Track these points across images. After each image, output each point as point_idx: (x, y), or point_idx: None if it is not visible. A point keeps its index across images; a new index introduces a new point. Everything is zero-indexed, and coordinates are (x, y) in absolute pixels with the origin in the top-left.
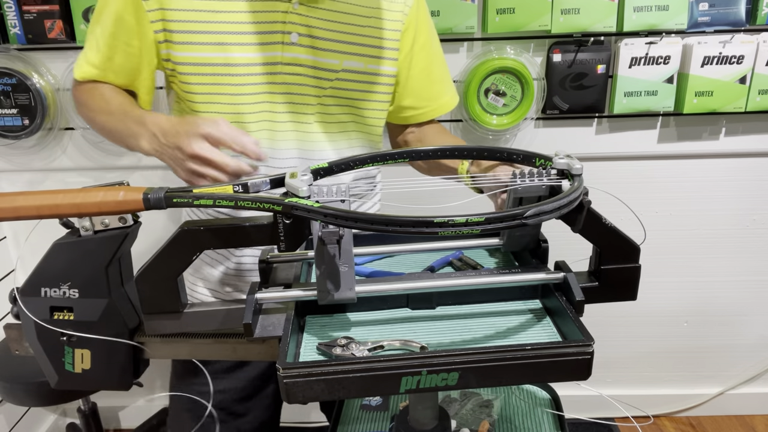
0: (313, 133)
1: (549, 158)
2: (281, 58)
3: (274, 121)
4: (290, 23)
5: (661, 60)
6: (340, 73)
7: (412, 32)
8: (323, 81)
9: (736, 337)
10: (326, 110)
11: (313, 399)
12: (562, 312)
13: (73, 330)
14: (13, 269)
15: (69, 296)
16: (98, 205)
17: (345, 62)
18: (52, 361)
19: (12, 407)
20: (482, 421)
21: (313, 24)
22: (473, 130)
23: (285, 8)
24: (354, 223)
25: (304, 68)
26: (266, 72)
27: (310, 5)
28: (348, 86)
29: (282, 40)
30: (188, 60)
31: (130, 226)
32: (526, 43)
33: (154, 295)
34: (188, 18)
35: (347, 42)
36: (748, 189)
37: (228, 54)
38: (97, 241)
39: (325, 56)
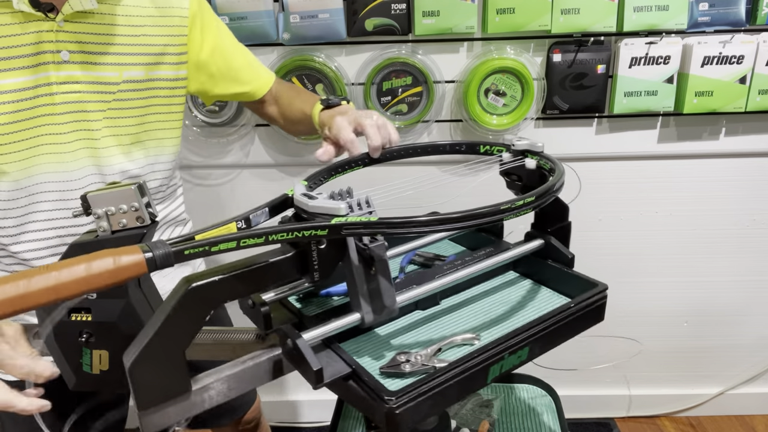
0: (105, 148)
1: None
2: (55, 77)
3: (61, 143)
4: (59, 41)
5: (661, 60)
6: (121, 85)
7: (198, 29)
8: (105, 95)
9: (736, 337)
10: (115, 123)
11: (420, 420)
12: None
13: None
14: None
15: (87, 297)
16: (85, 282)
17: (125, 73)
18: (70, 362)
19: None
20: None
21: (84, 39)
22: (473, 130)
23: (50, 27)
24: (426, 228)
25: (81, 85)
26: (43, 94)
27: (77, 21)
28: (132, 96)
29: (53, 60)
30: None
31: (148, 226)
32: (526, 43)
33: (156, 382)
34: None
35: (124, 53)
36: (748, 189)
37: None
38: (114, 242)
39: (103, 70)
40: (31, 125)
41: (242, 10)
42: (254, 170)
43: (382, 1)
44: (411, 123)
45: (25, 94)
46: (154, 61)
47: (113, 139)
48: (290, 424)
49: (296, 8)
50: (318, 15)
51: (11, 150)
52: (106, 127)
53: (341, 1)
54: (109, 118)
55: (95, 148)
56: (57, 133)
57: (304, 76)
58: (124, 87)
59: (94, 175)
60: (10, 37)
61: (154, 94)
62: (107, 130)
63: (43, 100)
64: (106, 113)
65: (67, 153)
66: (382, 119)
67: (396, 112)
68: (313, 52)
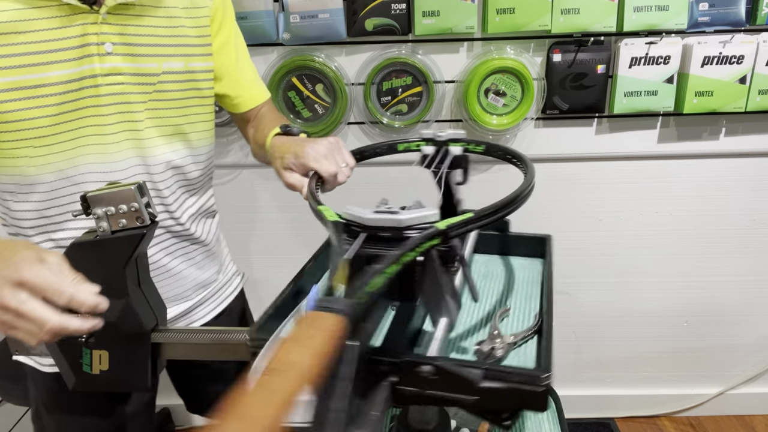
0: (148, 138)
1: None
2: (99, 69)
3: (105, 133)
4: (102, 34)
5: (661, 60)
6: (161, 76)
7: (218, 24)
8: (146, 86)
9: (736, 337)
10: (156, 114)
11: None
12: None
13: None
14: None
15: None
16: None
17: (164, 64)
18: (70, 362)
19: (12, 407)
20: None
21: (126, 32)
22: (473, 130)
23: (94, 19)
24: (502, 212)
25: (125, 76)
26: (87, 86)
27: (119, 13)
28: (171, 87)
29: (97, 52)
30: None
31: (147, 226)
32: (526, 43)
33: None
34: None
35: (164, 45)
36: (748, 189)
37: (41, 74)
38: (114, 242)
39: (144, 61)
40: (76, 116)
41: (242, 9)
42: (254, 170)
43: (382, 1)
44: (411, 123)
45: (71, 86)
46: (190, 53)
47: (156, 130)
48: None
49: (296, 8)
50: (318, 15)
51: (57, 141)
52: (149, 118)
53: (341, 1)
54: (150, 109)
55: (139, 139)
56: (101, 124)
57: (304, 76)
58: (164, 78)
59: (138, 166)
60: (57, 30)
61: (192, 86)
62: (149, 121)
63: (88, 92)
64: (147, 104)
65: (112, 144)
66: (334, 146)
67: (396, 112)
68: (313, 52)
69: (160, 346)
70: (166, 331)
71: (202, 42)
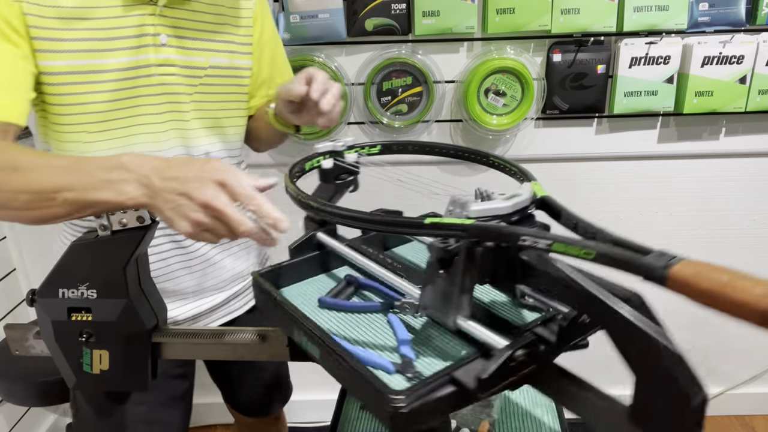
0: (192, 129)
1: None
2: (154, 59)
3: (155, 122)
4: (158, 25)
5: (661, 60)
6: (207, 70)
7: (260, 24)
8: (193, 79)
9: (735, 337)
10: (200, 106)
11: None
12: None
13: (91, 330)
14: (14, 269)
15: (87, 297)
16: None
17: (211, 59)
18: (70, 362)
19: (12, 407)
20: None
21: (180, 25)
22: (473, 130)
23: (152, 11)
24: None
25: (175, 68)
26: (142, 75)
27: (175, 7)
28: (216, 82)
29: (153, 42)
30: (54, 69)
31: (148, 226)
32: (526, 43)
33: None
34: (50, 25)
35: (212, 40)
36: (748, 189)
37: (99, 60)
38: (115, 242)
39: (194, 54)
40: (129, 104)
41: None
42: (254, 170)
43: (382, 1)
44: (411, 123)
45: (126, 74)
46: (234, 50)
47: (199, 122)
48: (290, 424)
49: (296, 8)
50: (318, 15)
51: (110, 127)
52: (194, 109)
53: (341, 1)
54: (195, 101)
55: (184, 129)
56: (152, 113)
57: None
58: (210, 72)
59: (183, 155)
60: (117, 19)
61: (234, 82)
62: (194, 113)
63: (142, 81)
64: (193, 96)
65: (160, 132)
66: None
67: (396, 112)
68: (313, 52)
69: (160, 346)
70: (166, 331)
71: (245, 41)
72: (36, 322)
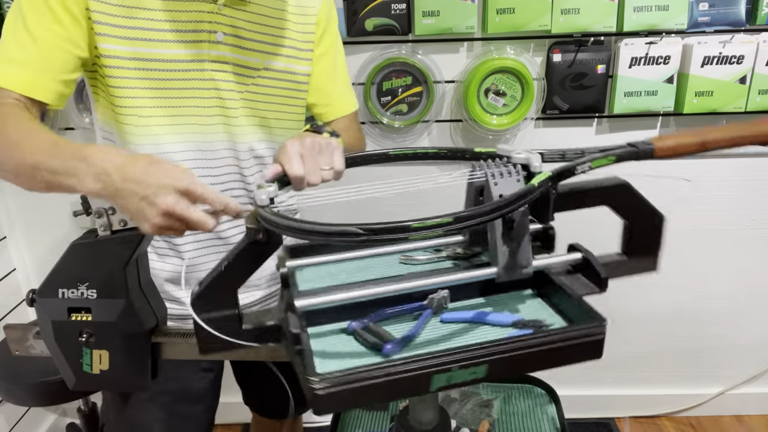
0: (240, 126)
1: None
2: (207, 55)
3: (204, 115)
4: (216, 23)
5: (661, 60)
6: (261, 71)
7: (321, 31)
8: (245, 78)
9: (735, 337)
10: (249, 105)
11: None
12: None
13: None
14: (14, 269)
15: (87, 297)
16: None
17: (267, 61)
18: (70, 362)
19: (12, 407)
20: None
21: (238, 24)
22: (473, 130)
23: (210, 9)
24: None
25: (229, 65)
26: (195, 69)
27: (234, 7)
28: (269, 83)
29: (209, 39)
30: (112, 53)
31: None
32: (526, 43)
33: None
34: (113, 12)
35: (269, 42)
36: (748, 189)
37: (157, 50)
38: (114, 242)
39: (249, 55)
40: (180, 95)
41: None
42: None
43: (382, 1)
44: (411, 123)
45: (179, 65)
46: (292, 54)
47: (247, 119)
48: None
49: None
50: None
51: (158, 113)
52: (243, 107)
53: (341, 1)
54: (245, 99)
55: (231, 125)
56: (201, 106)
57: None
58: (264, 74)
59: (228, 149)
60: (176, 12)
61: (289, 86)
62: (243, 110)
63: (194, 74)
64: (243, 95)
65: (208, 125)
66: (317, 147)
67: (396, 112)
68: None
69: (160, 346)
70: (166, 331)
71: (305, 47)
72: (36, 322)
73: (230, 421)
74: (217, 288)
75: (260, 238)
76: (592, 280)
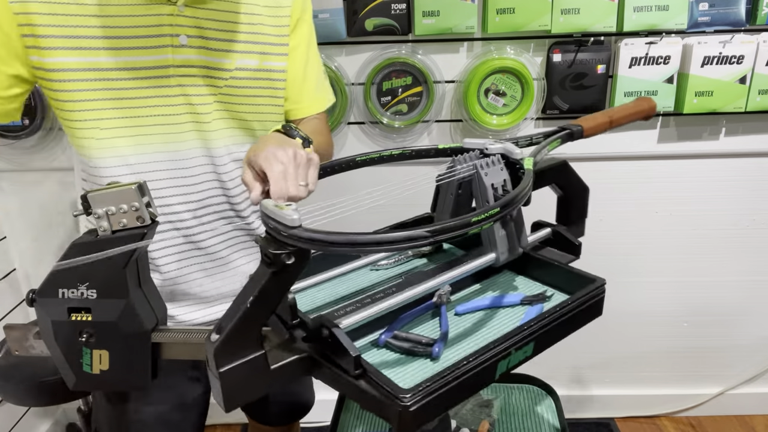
0: (214, 131)
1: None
2: (172, 60)
3: (173, 123)
4: (178, 26)
5: (661, 60)
6: (234, 72)
7: (294, 23)
8: (217, 81)
9: (736, 337)
10: (226, 108)
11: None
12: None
13: (91, 330)
14: (14, 269)
15: (87, 297)
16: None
17: (238, 61)
18: (70, 362)
19: (12, 407)
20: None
21: (202, 25)
22: (473, 130)
23: (171, 11)
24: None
25: (196, 69)
26: (159, 75)
27: (196, 6)
28: (244, 84)
29: (171, 43)
30: (67, 66)
31: (148, 226)
32: (526, 43)
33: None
34: (63, 22)
35: (239, 41)
36: (748, 189)
37: (116, 59)
38: (114, 241)
39: (217, 56)
40: (144, 104)
41: None
42: None
43: (382, 1)
44: (411, 123)
45: (141, 72)
46: (267, 51)
47: (223, 122)
48: None
49: None
50: (318, 15)
51: (122, 125)
52: (217, 110)
53: (341, 1)
54: (219, 102)
55: (204, 131)
56: (170, 114)
57: None
58: (237, 74)
59: (203, 157)
60: (134, 18)
61: (266, 84)
62: (217, 114)
63: (159, 81)
64: (217, 97)
65: (178, 134)
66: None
67: (396, 112)
68: None
69: (160, 346)
70: (166, 331)
71: (280, 41)
72: (36, 322)
73: (230, 421)
74: (241, 331)
75: (291, 262)
76: (565, 249)
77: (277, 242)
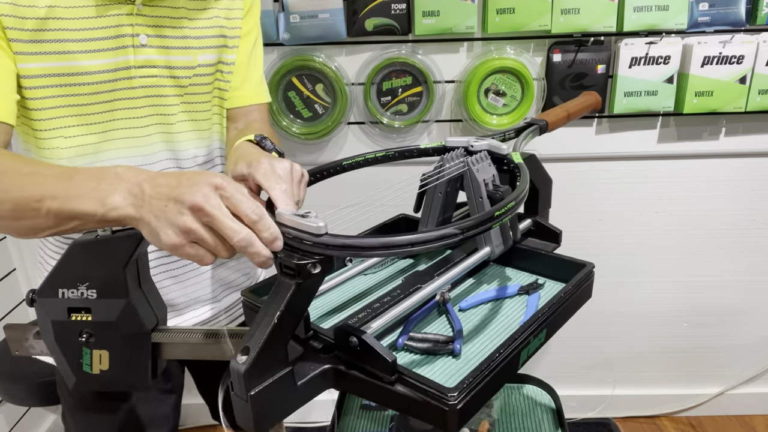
0: (180, 132)
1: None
2: (134, 61)
3: (136, 126)
4: (137, 25)
5: (661, 60)
6: (197, 69)
7: (245, 12)
8: (182, 79)
9: (736, 337)
10: (191, 107)
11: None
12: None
13: (91, 330)
14: (14, 269)
15: (87, 297)
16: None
17: (200, 57)
18: (70, 362)
19: (12, 407)
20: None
21: (161, 23)
22: (473, 130)
23: (129, 11)
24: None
25: (158, 69)
26: (121, 77)
27: (153, 5)
28: (207, 81)
29: (132, 43)
30: (29, 72)
31: None
32: (526, 43)
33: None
34: (26, 26)
35: (200, 37)
36: (748, 189)
37: (75, 63)
38: (114, 241)
39: (179, 54)
40: (107, 108)
41: None
42: None
43: (382, 1)
44: (411, 123)
45: (103, 76)
46: (223, 44)
47: (189, 124)
48: (290, 424)
49: (296, 8)
50: (318, 15)
51: (87, 131)
52: (182, 111)
53: (341, 1)
54: (185, 103)
55: (170, 133)
56: (133, 117)
57: (304, 76)
58: (199, 71)
59: (169, 160)
60: (92, 20)
61: (223, 77)
62: (183, 115)
63: (121, 83)
64: (183, 98)
65: (142, 137)
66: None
67: (396, 112)
68: (313, 52)
69: (160, 346)
70: (166, 331)
71: (233, 34)
72: (36, 322)
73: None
74: (271, 348)
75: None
76: (546, 238)
77: (300, 252)
